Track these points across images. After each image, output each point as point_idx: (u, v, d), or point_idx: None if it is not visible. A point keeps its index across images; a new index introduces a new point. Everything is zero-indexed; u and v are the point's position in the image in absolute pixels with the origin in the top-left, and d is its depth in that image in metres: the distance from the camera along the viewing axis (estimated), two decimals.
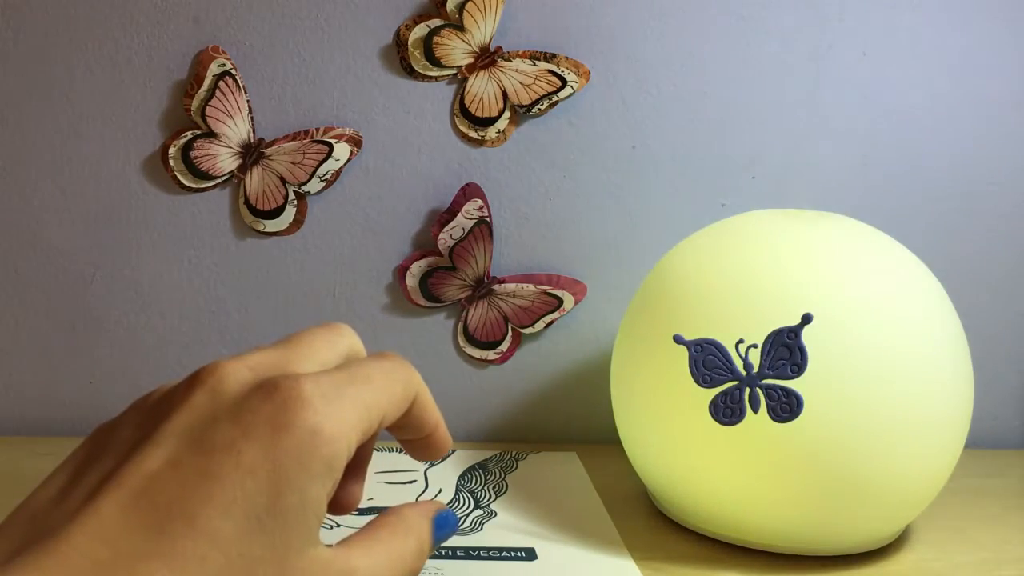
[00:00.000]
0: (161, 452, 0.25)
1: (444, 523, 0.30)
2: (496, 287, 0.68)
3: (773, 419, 0.47)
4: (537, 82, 0.66)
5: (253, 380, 0.27)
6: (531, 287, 0.68)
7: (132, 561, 0.23)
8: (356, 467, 0.33)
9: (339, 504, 0.32)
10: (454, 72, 0.66)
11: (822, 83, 0.68)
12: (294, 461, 0.25)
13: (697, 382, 0.48)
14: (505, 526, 0.55)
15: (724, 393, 0.48)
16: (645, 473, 0.56)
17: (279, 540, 0.24)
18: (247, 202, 0.67)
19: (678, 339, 0.49)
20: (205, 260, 0.68)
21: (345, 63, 0.66)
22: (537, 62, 0.66)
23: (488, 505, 0.58)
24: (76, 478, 0.26)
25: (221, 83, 0.64)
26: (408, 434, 0.32)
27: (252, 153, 0.66)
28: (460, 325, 0.69)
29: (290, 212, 0.67)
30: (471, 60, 0.66)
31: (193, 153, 0.65)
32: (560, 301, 0.69)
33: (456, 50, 0.65)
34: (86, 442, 0.28)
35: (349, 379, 0.27)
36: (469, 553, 0.51)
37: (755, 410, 0.47)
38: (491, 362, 0.71)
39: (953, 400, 0.50)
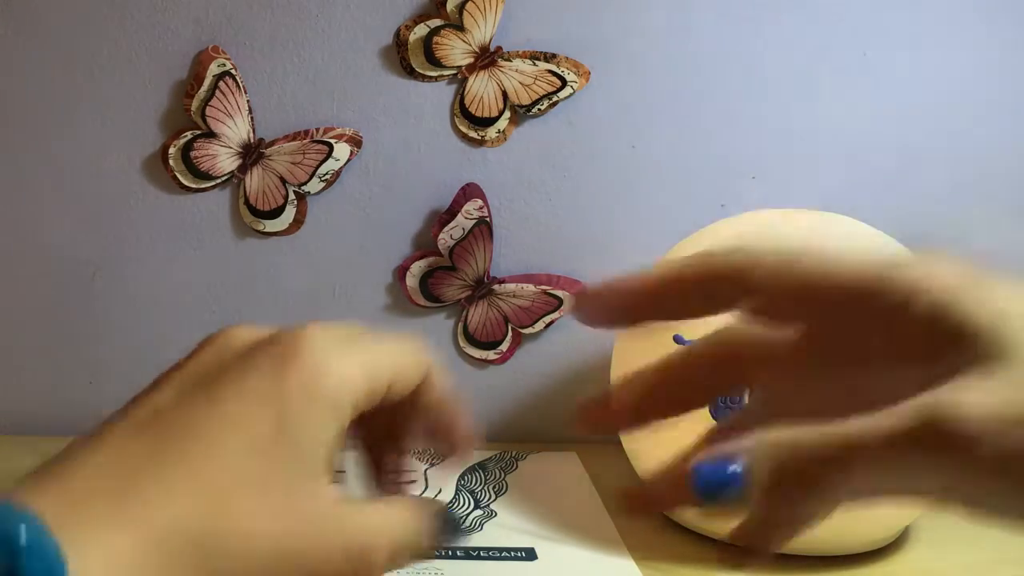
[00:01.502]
0: (169, 391, 0.26)
1: (449, 520, 0.30)
2: (496, 287, 0.68)
3: None
4: (537, 82, 0.66)
5: (260, 336, 0.27)
6: (531, 287, 0.68)
7: (138, 467, 0.23)
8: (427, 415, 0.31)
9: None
10: (454, 72, 0.66)
11: (822, 83, 0.68)
12: (300, 393, 0.25)
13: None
14: (505, 526, 0.55)
15: None
16: (645, 473, 0.56)
17: (287, 468, 0.25)
18: (247, 202, 0.67)
19: (678, 339, 0.49)
20: (205, 260, 0.68)
21: (345, 63, 0.66)
22: (537, 62, 0.66)
23: (488, 505, 0.58)
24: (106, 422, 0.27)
25: (221, 83, 0.64)
26: (428, 416, 0.31)
27: (252, 153, 0.66)
28: (460, 325, 0.69)
29: (290, 212, 0.67)
30: (471, 60, 0.66)
31: (193, 153, 0.65)
32: (560, 301, 0.69)
33: (456, 50, 0.65)
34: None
35: (358, 336, 0.28)
36: (469, 553, 0.51)
37: None
38: (491, 362, 0.71)
39: None
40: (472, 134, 0.67)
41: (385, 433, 0.31)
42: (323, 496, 0.25)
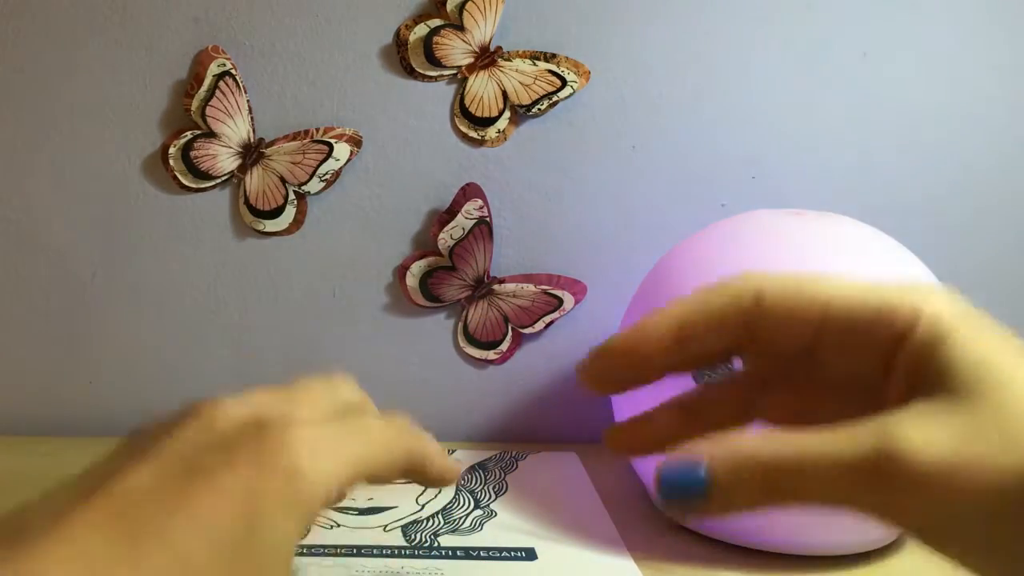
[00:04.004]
0: (145, 472, 0.25)
1: None
2: (496, 287, 0.68)
3: None
4: (537, 82, 0.66)
5: (248, 417, 0.27)
6: (531, 287, 0.68)
7: (100, 566, 0.23)
8: None
9: None
10: (454, 72, 0.66)
11: (822, 83, 0.68)
12: (272, 502, 0.25)
13: (697, 382, 0.48)
14: (505, 526, 0.55)
15: None
16: (645, 473, 0.56)
17: (247, 573, 0.25)
18: (247, 202, 0.67)
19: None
20: (205, 260, 0.68)
21: (345, 63, 0.66)
22: (537, 62, 0.66)
23: (488, 505, 0.58)
24: (83, 482, 0.26)
25: (221, 83, 0.64)
26: (412, 479, 0.32)
27: (252, 153, 0.66)
28: (460, 325, 0.69)
29: (290, 212, 0.67)
30: (471, 60, 0.66)
31: (193, 153, 0.65)
32: (560, 301, 0.69)
33: (456, 50, 0.65)
34: (109, 451, 0.29)
35: (342, 431, 0.28)
36: (469, 553, 0.51)
37: None
38: (491, 362, 0.71)
39: None
40: (472, 134, 0.67)
41: None
42: None
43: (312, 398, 0.30)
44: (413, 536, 0.53)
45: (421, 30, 0.65)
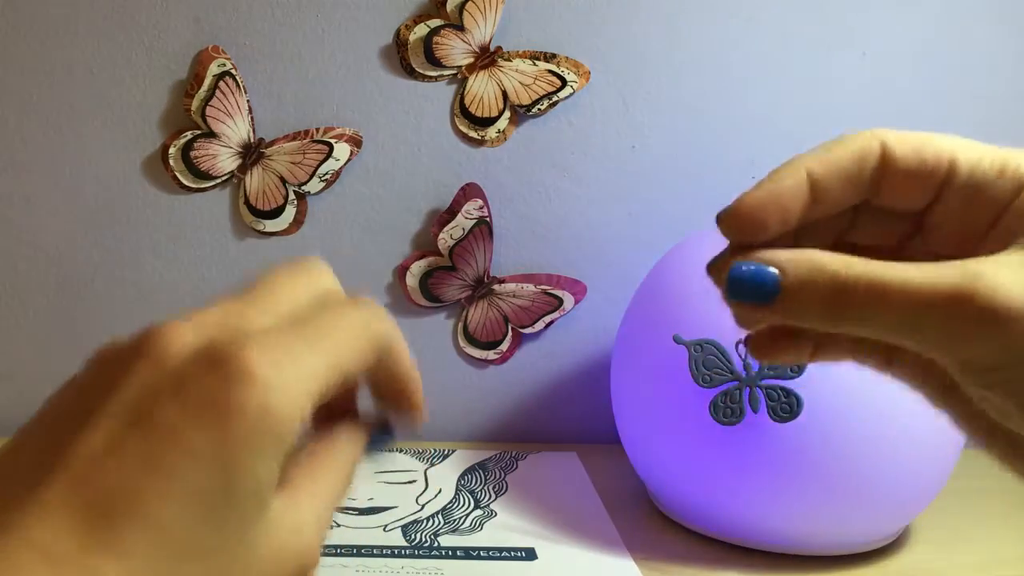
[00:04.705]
0: (101, 434, 0.24)
1: (374, 446, 0.29)
2: (496, 287, 0.68)
3: (773, 419, 0.47)
4: (537, 82, 0.66)
5: (198, 344, 0.25)
6: (531, 287, 0.68)
7: (81, 554, 0.22)
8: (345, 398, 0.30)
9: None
10: (454, 72, 0.66)
11: (822, 83, 0.68)
12: (243, 446, 0.23)
13: (697, 382, 0.48)
14: (505, 526, 0.55)
15: (724, 393, 0.48)
16: (645, 473, 0.56)
17: (232, 525, 0.23)
18: (247, 202, 0.67)
19: (678, 339, 0.49)
20: (205, 260, 0.68)
21: (345, 63, 0.66)
22: (537, 62, 0.66)
23: (488, 505, 0.58)
24: (29, 448, 0.26)
25: (221, 83, 0.64)
26: (378, 389, 0.29)
27: (252, 153, 0.66)
28: (460, 325, 0.69)
29: (290, 212, 0.67)
30: (471, 60, 0.66)
31: (193, 153, 0.65)
32: (560, 301, 0.69)
33: (456, 50, 0.65)
34: (52, 399, 0.28)
35: (305, 337, 0.25)
36: (469, 553, 0.51)
37: (755, 410, 0.47)
38: (491, 362, 0.71)
39: None
40: (472, 134, 0.67)
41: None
42: (263, 530, 0.24)
43: (272, 300, 0.27)
44: (413, 536, 0.53)
45: (421, 30, 0.65)
